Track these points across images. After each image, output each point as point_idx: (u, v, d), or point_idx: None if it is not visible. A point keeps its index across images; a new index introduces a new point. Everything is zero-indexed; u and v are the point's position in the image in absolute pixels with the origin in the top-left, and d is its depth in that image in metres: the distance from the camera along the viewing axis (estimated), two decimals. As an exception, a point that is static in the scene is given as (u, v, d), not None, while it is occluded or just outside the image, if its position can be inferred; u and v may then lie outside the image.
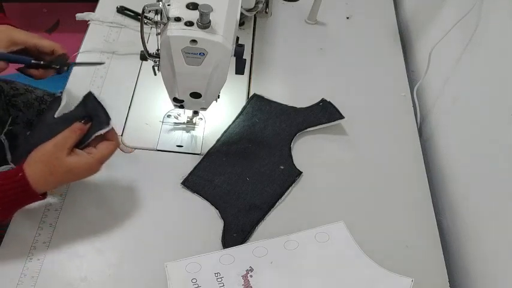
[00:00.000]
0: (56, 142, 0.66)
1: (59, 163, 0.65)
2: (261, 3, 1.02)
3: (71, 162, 0.66)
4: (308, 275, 0.70)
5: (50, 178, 0.65)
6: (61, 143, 0.66)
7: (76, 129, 0.68)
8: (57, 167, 0.65)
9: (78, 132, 0.68)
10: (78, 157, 0.67)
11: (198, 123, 0.87)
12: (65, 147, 0.66)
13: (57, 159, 0.65)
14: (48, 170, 0.65)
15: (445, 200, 0.84)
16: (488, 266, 0.71)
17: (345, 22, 1.10)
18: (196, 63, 0.67)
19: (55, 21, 2.09)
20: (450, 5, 0.93)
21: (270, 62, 1.00)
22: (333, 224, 0.76)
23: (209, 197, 0.78)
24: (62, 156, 0.65)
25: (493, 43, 0.77)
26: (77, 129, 0.68)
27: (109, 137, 0.70)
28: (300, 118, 0.88)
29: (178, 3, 0.67)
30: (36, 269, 0.68)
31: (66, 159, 0.66)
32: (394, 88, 0.98)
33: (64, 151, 0.66)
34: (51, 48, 0.78)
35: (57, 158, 0.65)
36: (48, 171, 0.65)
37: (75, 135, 0.67)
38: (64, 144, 0.66)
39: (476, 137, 0.79)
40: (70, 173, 0.67)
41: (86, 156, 0.67)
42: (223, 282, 0.68)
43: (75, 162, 0.66)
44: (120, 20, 1.02)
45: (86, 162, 0.67)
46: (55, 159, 0.65)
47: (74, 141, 0.67)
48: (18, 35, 0.77)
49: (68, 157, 0.66)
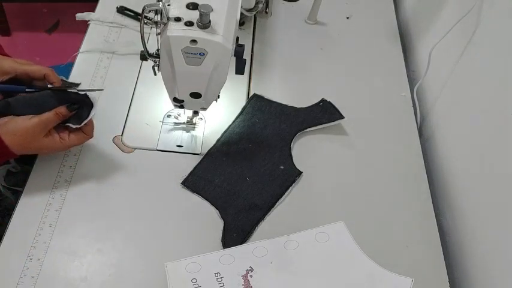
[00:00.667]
0: (39, 122, 0.71)
1: (34, 142, 0.71)
2: (261, 3, 1.02)
3: (43, 143, 0.72)
4: (308, 275, 0.70)
5: (21, 150, 0.71)
6: (43, 124, 0.71)
7: (60, 114, 0.72)
8: (31, 144, 0.71)
9: (61, 117, 0.72)
10: (52, 141, 0.73)
11: (198, 123, 0.87)
12: (45, 129, 0.71)
13: (34, 138, 0.71)
14: (22, 144, 0.70)
15: (445, 200, 0.84)
16: (488, 266, 0.71)
17: (345, 22, 1.10)
18: (196, 63, 0.67)
19: (55, 21, 2.09)
20: (450, 5, 0.93)
21: (270, 62, 1.00)
22: (333, 224, 0.76)
23: (209, 197, 0.78)
24: (39, 137, 0.71)
25: (493, 43, 0.77)
26: (61, 114, 0.72)
27: (84, 130, 0.75)
28: (300, 118, 0.89)
29: (178, 3, 0.67)
30: (36, 269, 0.68)
31: (42, 140, 0.72)
32: (394, 88, 0.98)
33: (43, 133, 0.71)
34: (41, 73, 0.75)
35: (34, 137, 0.71)
36: (22, 146, 0.70)
37: (57, 118, 0.72)
38: (45, 127, 0.71)
39: (476, 137, 0.79)
40: (40, 150, 0.75)
41: (58, 142, 0.73)
42: (223, 282, 0.68)
43: (47, 144, 0.72)
44: (120, 20, 1.02)
45: (57, 147, 0.74)
46: (32, 138, 0.71)
47: (54, 124, 0.72)
48: (6, 63, 0.74)
49: (43, 138, 0.72)
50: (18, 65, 0.75)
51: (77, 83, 0.89)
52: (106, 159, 0.81)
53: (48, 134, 0.72)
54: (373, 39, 1.07)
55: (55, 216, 0.73)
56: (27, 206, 0.74)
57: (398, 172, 0.85)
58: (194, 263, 0.70)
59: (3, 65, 0.74)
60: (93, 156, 0.81)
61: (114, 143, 0.83)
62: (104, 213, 0.75)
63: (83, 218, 0.74)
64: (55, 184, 0.76)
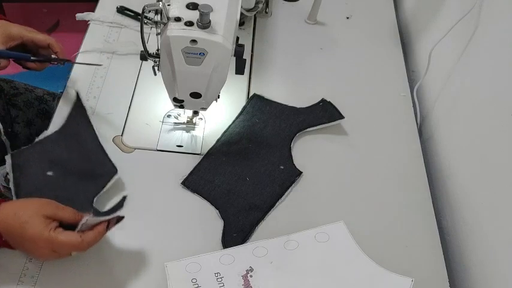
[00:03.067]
0: (53, 212, 0.62)
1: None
2: (261, 3, 1.02)
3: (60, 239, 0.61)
4: (308, 275, 0.70)
5: (15, 227, 0.61)
6: (57, 214, 0.63)
7: (100, 232, 0.64)
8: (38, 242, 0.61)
9: (100, 236, 0.64)
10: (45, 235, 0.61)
11: (198, 123, 0.87)
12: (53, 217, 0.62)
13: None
14: (18, 223, 0.61)
15: (445, 200, 0.84)
16: (488, 266, 0.71)
17: (345, 22, 1.10)
18: (196, 63, 0.67)
19: (55, 21, 2.09)
20: (450, 5, 0.93)
21: (270, 62, 1.00)
22: (333, 224, 0.76)
23: (209, 197, 0.78)
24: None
25: (493, 43, 0.77)
26: (100, 233, 0.64)
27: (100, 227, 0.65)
28: (300, 118, 0.88)
29: (178, 3, 0.67)
30: (36, 269, 0.68)
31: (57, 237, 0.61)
32: (394, 88, 0.98)
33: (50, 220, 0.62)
34: (46, 42, 0.80)
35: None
36: (19, 224, 0.61)
37: (98, 236, 0.64)
38: (57, 215, 0.63)
39: (476, 137, 0.79)
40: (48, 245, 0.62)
41: (45, 235, 0.61)
42: (223, 282, 0.68)
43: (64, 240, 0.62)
44: (120, 20, 1.02)
45: (43, 239, 0.61)
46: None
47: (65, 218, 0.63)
48: (14, 29, 0.78)
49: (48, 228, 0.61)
50: (26, 32, 0.79)
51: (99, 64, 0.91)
52: (106, 159, 0.80)
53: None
54: (373, 39, 1.07)
55: (55, 216, 0.73)
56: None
57: (398, 172, 0.85)
58: (194, 263, 0.70)
59: (12, 31, 0.78)
60: (93, 156, 0.81)
61: (114, 143, 0.83)
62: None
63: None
64: (55, 184, 0.76)
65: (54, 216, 0.62)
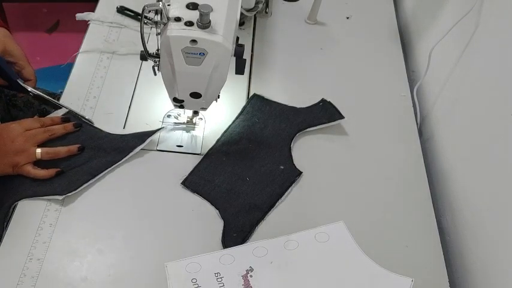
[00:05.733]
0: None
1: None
2: (261, 3, 1.02)
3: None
4: (308, 275, 0.70)
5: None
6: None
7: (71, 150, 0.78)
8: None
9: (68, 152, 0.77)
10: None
11: (198, 123, 0.87)
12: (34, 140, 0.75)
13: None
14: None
15: (445, 200, 0.84)
16: (488, 266, 0.71)
17: (345, 22, 1.10)
18: (196, 63, 0.67)
19: (55, 21, 2.09)
20: (450, 5, 0.93)
21: (270, 62, 1.00)
22: (333, 224, 0.76)
23: (209, 197, 0.78)
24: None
25: (493, 43, 0.77)
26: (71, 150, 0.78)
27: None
28: (300, 118, 0.88)
29: (178, 3, 0.67)
30: (36, 269, 0.68)
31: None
32: (394, 88, 0.98)
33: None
34: (32, 77, 0.83)
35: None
36: None
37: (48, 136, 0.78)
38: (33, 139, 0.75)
39: (477, 137, 0.79)
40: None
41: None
42: (223, 282, 0.68)
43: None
44: (120, 20, 1.02)
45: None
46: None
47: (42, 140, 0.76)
48: (13, 48, 0.80)
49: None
50: (22, 57, 0.81)
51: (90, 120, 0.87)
52: (106, 159, 0.80)
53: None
54: (373, 39, 1.07)
55: (55, 216, 0.73)
56: (27, 206, 0.74)
57: (398, 172, 0.85)
58: (194, 263, 0.70)
59: (10, 48, 0.80)
60: (93, 156, 0.81)
61: (114, 143, 0.83)
62: (104, 213, 0.75)
63: (83, 218, 0.74)
64: (55, 184, 0.76)
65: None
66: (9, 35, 0.80)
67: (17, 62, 0.80)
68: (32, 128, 0.76)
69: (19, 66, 0.81)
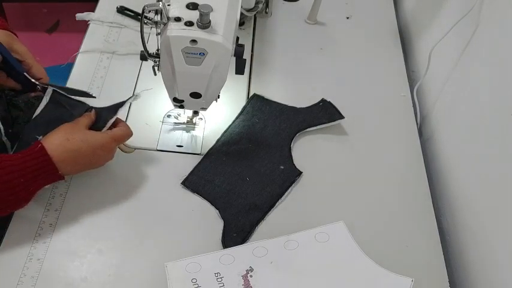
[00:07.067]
0: (74, 121, 0.73)
1: (76, 128, 0.70)
2: (261, 3, 1.02)
3: (87, 132, 0.71)
4: (308, 275, 0.70)
5: (67, 145, 0.68)
6: (79, 121, 0.72)
7: (88, 116, 0.75)
8: (74, 132, 0.69)
9: (91, 117, 0.75)
10: (94, 132, 0.72)
11: (198, 123, 0.87)
12: (82, 124, 0.72)
13: (74, 126, 0.71)
14: (65, 137, 0.68)
15: (445, 200, 0.84)
16: (488, 266, 0.71)
17: (345, 22, 1.10)
18: (196, 63, 0.67)
19: (55, 21, 2.09)
20: (450, 5, 0.93)
21: (270, 62, 1.00)
22: (333, 224, 0.76)
23: (209, 197, 0.78)
24: (80, 126, 0.71)
25: (493, 43, 0.77)
26: (89, 116, 0.75)
27: (120, 124, 0.76)
28: (300, 118, 0.88)
29: (178, 3, 0.67)
30: (36, 269, 0.68)
31: (83, 129, 0.71)
32: (394, 88, 0.98)
33: (82, 126, 0.72)
34: (42, 75, 0.82)
35: (73, 126, 0.71)
36: (65, 138, 0.68)
37: (89, 118, 0.74)
38: (82, 122, 0.72)
39: (476, 137, 0.79)
40: (85, 143, 0.69)
41: (101, 133, 0.72)
42: (223, 282, 0.68)
43: (91, 133, 0.71)
44: (120, 20, 1.02)
45: (102, 136, 0.71)
46: (72, 126, 0.71)
47: (88, 122, 0.73)
48: (18, 46, 0.79)
49: (84, 129, 0.72)
50: (28, 54, 0.81)
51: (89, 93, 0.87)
52: (106, 159, 0.80)
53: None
54: (373, 39, 1.07)
55: (55, 216, 0.73)
56: (27, 206, 0.74)
57: (398, 172, 0.85)
58: (194, 263, 0.70)
59: (15, 46, 0.79)
60: (93, 156, 0.81)
61: (114, 143, 0.83)
62: (104, 213, 0.75)
63: (83, 218, 0.74)
64: (55, 184, 0.76)
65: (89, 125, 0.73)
66: (13, 36, 0.80)
67: (24, 60, 0.80)
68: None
69: (26, 65, 0.81)
